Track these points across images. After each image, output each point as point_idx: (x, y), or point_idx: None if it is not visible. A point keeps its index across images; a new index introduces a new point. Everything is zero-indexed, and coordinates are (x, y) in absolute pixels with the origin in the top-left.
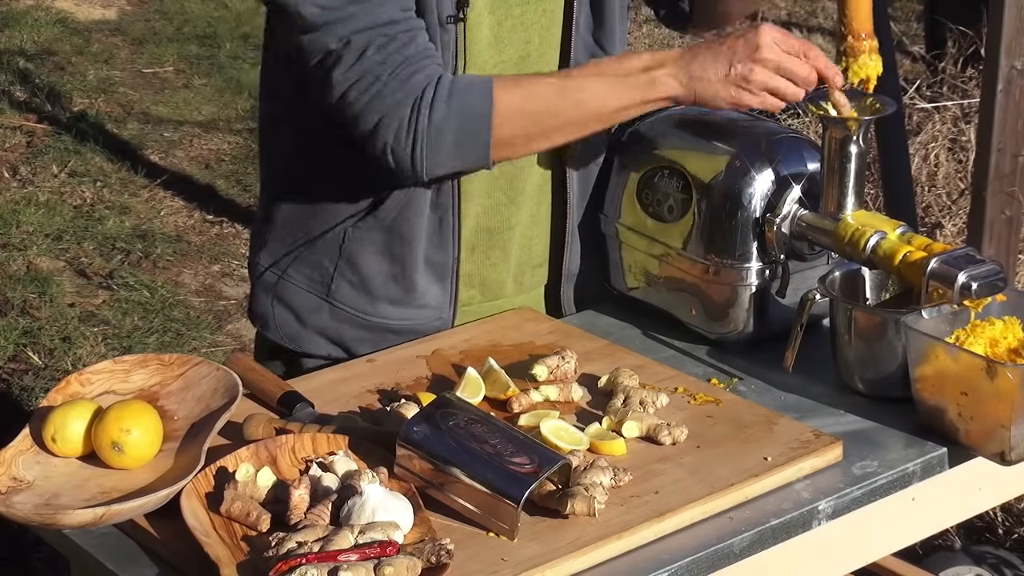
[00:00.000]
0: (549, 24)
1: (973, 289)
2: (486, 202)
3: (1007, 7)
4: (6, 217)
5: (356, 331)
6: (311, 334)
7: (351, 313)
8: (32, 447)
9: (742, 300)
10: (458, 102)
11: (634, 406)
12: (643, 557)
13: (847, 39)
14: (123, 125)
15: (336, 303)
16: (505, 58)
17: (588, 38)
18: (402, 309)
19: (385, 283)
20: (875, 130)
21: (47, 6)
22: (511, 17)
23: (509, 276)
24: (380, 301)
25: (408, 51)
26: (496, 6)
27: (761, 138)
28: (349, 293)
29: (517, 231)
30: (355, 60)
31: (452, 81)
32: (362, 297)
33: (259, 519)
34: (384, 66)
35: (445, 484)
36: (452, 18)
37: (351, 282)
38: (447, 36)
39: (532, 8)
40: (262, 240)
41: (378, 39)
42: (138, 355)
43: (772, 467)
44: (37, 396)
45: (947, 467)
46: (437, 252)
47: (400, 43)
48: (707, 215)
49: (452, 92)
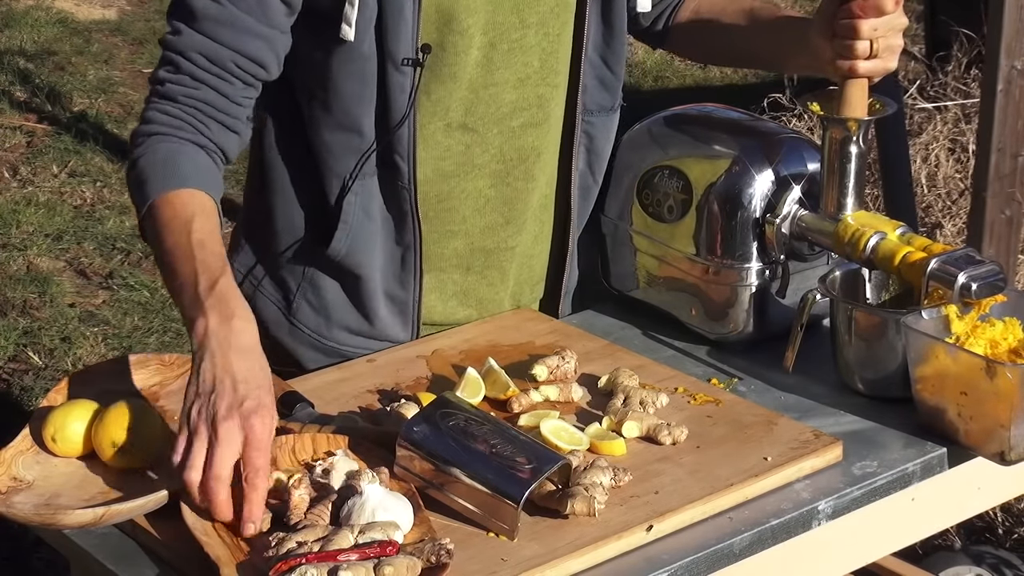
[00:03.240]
0: (553, 48)
1: (973, 290)
2: (480, 222)
3: (1007, 7)
4: (6, 217)
5: (311, 352)
6: (272, 345)
7: (308, 334)
8: (32, 447)
9: (742, 300)
10: (141, 165)
11: (634, 406)
12: (643, 557)
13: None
14: (123, 125)
15: (295, 322)
16: (499, 79)
17: (597, 59)
18: (360, 338)
19: (345, 310)
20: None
21: (47, 6)
22: (507, 40)
23: (507, 294)
24: (337, 327)
25: (177, 91)
26: (489, 28)
27: (761, 138)
28: (309, 314)
29: (518, 251)
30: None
31: (168, 151)
32: (321, 320)
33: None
34: (168, 88)
35: (445, 484)
36: (409, 61)
37: (311, 304)
38: (401, 77)
39: (533, 32)
40: (238, 244)
41: (171, 64)
42: (138, 355)
43: (772, 467)
44: (37, 396)
45: (947, 467)
46: (398, 289)
47: (179, 80)
48: (707, 215)
49: (169, 155)
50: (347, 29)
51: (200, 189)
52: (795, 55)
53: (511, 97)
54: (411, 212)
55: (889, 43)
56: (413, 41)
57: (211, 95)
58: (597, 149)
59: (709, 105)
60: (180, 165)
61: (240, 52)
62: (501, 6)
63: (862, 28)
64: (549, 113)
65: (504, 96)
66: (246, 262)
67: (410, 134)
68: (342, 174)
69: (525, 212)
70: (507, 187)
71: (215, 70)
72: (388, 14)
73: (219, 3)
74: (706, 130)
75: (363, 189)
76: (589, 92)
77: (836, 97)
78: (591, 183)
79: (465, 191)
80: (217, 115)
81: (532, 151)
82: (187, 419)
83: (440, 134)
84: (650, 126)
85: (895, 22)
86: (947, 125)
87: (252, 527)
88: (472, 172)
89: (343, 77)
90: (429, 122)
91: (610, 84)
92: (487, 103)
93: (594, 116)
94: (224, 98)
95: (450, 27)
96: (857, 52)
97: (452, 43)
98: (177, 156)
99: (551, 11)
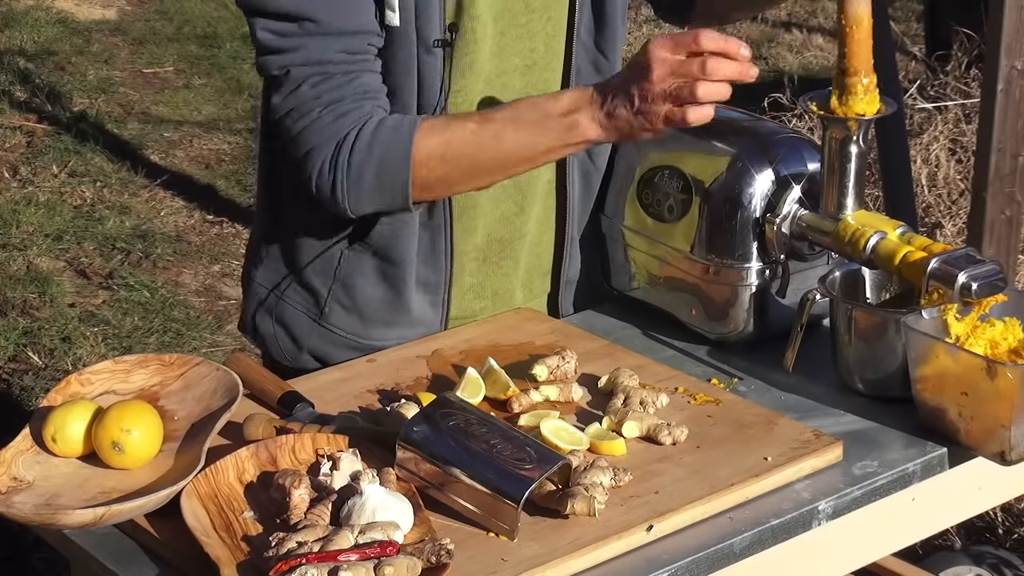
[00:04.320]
0: (555, 31)
1: (973, 289)
2: (496, 212)
3: (1007, 7)
4: (6, 217)
5: (346, 352)
6: (305, 354)
7: (344, 336)
8: (32, 447)
9: (742, 300)
10: (379, 146)
11: (634, 406)
12: (643, 557)
13: (845, 76)
14: (123, 125)
15: (328, 326)
16: (509, 67)
17: (590, 43)
18: (395, 330)
19: (380, 307)
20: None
21: (47, 6)
22: (516, 26)
23: (519, 284)
24: (374, 324)
25: (345, 91)
26: (500, 15)
27: (761, 138)
28: (342, 316)
29: (528, 239)
30: (291, 91)
31: (378, 124)
32: (355, 321)
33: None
34: (317, 102)
35: (445, 484)
36: (439, 42)
37: (344, 305)
38: (434, 60)
39: (538, 16)
40: (258, 257)
41: (314, 76)
42: (138, 355)
43: (772, 467)
44: (37, 396)
45: (947, 467)
46: (430, 272)
47: (336, 83)
48: (707, 215)
49: (375, 135)
50: (391, 15)
51: (419, 122)
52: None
53: (519, 84)
54: (444, 205)
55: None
56: (441, 22)
57: (365, 76)
58: None
59: None
60: (388, 128)
61: (362, 31)
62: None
63: None
64: None
65: (514, 83)
66: (269, 276)
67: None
68: None
69: (535, 198)
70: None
71: (350, 56)
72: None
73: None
74: (706, 129)
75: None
76: (584, 77)
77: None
78: (591, 168)
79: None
80: (372, 83)
81: None
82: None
83: None
84: None
85: None
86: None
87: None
88: None
89: (388, 64)
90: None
91: (604, 70)
92: (499, 91)
93: None
94: (372, 72)
95: (467, 12)
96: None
97: (470, 29)
98: (378, 129)
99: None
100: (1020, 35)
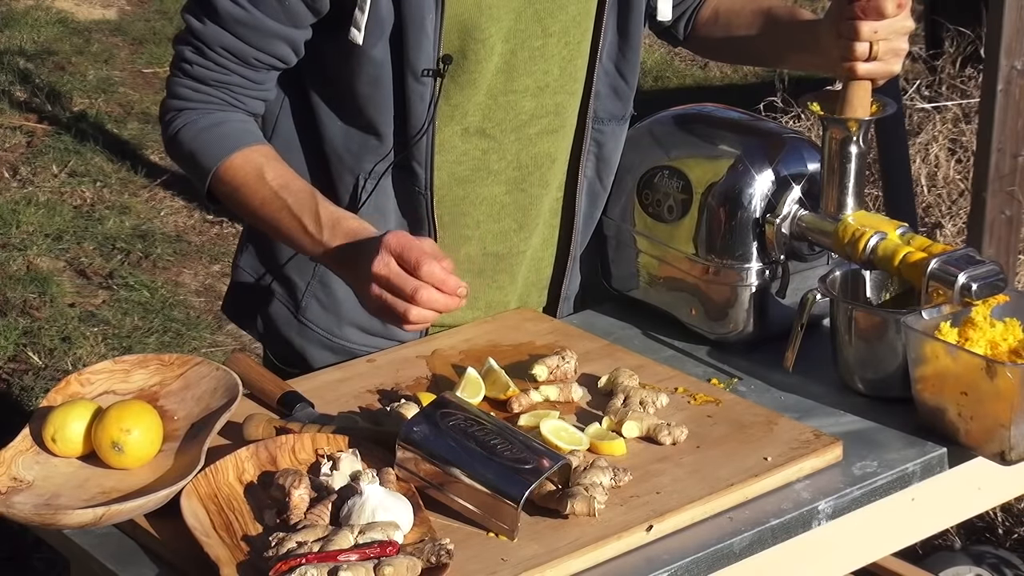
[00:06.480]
0: (572, 55)
1: (973, 290)
2: (494, 227)
3: (1007, 7)
4: (6, 217)
5: (321, 351)
6: (282, 345)
7: (318, 333)
8: (32, 447)
9: (742, 300)
10: (203, 139)
11: (634, 406)
12: (643, 557)
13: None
14: (123, 125)
15: (304, 321)
16: (519, 87)
17: (611, 67)
18: (370, 337)
19: (355, 308)
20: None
21: (47, 6)
22: (528, 48)
23: (514, 297)
24: (348, 325)
25: (234, 82)
26: (511, 36)
27: (761, 138)
28: (319, 312)
29: (528, 255)
30: (199, 48)
31: (223, 120)
32: (331, 318)
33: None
34: (208, 70)
35: (445, 484)
36: (429, 72)
37: (321, 302)
38: (422, 88)
39: (555, 40)
40: (245, 246)
41: (223, 55)
42: (138, 355)
43: (772, 467)
44: (37, 396)
45: (947, 467)
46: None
47: (237, 73)
48: (707, 215)
49: (212, 129)
50: (355, 33)
51: (253, 144)
52: (808, 55)
53: (529, 105)
54: (427, 217)
55: (891, 46)
56: (434, 53)
57: (237, 79)
58: (606, 157)
59: (709, 105)
60: (227, 130)
61: (263, 51)
62: (523, 15)
63: (862, 30)
64: (565, 120)
65: (523, 104)
66: (253, 264)
67: (429, 142)
68: (356, 172)
69: (538, 217)
70: (522, 193)
71: (239, 62)
72: (408, 26)
73: (243, 8)
74: (706, 130)
75: (377, 188)
76: (602, 100)
77: (838, 97)
78: (599, 189)
79: (480, 196)
80: (245, 93)
81: (547, 158)
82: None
83: (457, 139)
84: (650, 126)
85: (897, 25)
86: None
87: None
88: (488, 178)
89: (354, 79)
90: (446, 126)
91: (623, 94)
92: (505, 110)
93: (605, 124)
94: (250, 81)
95: (472, 36)
96: (856, 53)
97: (473, 51)
98: (221, 124)
99: (573, 20)
100: (1020, 35)
